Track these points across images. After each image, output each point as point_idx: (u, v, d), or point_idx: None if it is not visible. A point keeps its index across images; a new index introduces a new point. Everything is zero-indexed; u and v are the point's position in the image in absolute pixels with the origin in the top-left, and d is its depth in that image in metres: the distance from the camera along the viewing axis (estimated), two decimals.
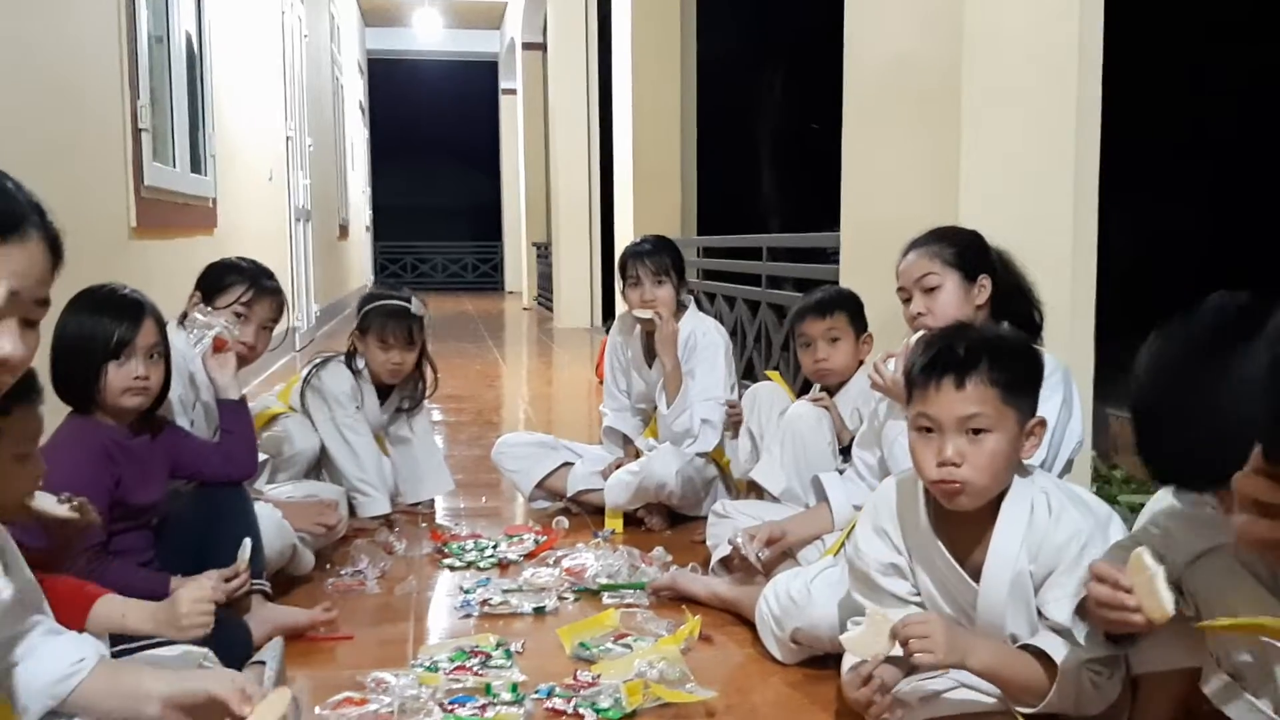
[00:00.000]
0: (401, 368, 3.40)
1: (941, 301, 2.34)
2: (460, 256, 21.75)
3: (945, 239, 2.38)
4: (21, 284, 1.27)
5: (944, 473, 1.77)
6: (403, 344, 3.37)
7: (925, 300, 2.36)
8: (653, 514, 3.40)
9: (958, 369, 1.77)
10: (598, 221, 11.15)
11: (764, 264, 5.22)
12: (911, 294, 2.38)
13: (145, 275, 4.16)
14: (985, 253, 2.39)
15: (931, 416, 1.79)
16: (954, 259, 2.34)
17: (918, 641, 1.71)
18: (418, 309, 3.42)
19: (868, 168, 3.34)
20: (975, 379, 1.76)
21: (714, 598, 2.62)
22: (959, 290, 2.34)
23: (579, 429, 5.03)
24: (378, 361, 3.38)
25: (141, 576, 2.14)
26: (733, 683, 2.20)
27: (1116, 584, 1.49)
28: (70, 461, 2.06)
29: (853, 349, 2.88)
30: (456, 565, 2.97)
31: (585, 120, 11.15)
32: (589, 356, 8.45)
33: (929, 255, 2.36)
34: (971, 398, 1.76)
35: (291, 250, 8.67)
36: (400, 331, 3.36)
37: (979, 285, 2.35)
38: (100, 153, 3.90)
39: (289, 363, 8.01)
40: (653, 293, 3.40)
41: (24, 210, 1.30)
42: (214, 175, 5.75)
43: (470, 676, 2.16)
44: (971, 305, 2.34)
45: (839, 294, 2.97)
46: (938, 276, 2.34)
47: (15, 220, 1.28)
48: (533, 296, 14.80)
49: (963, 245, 2.37)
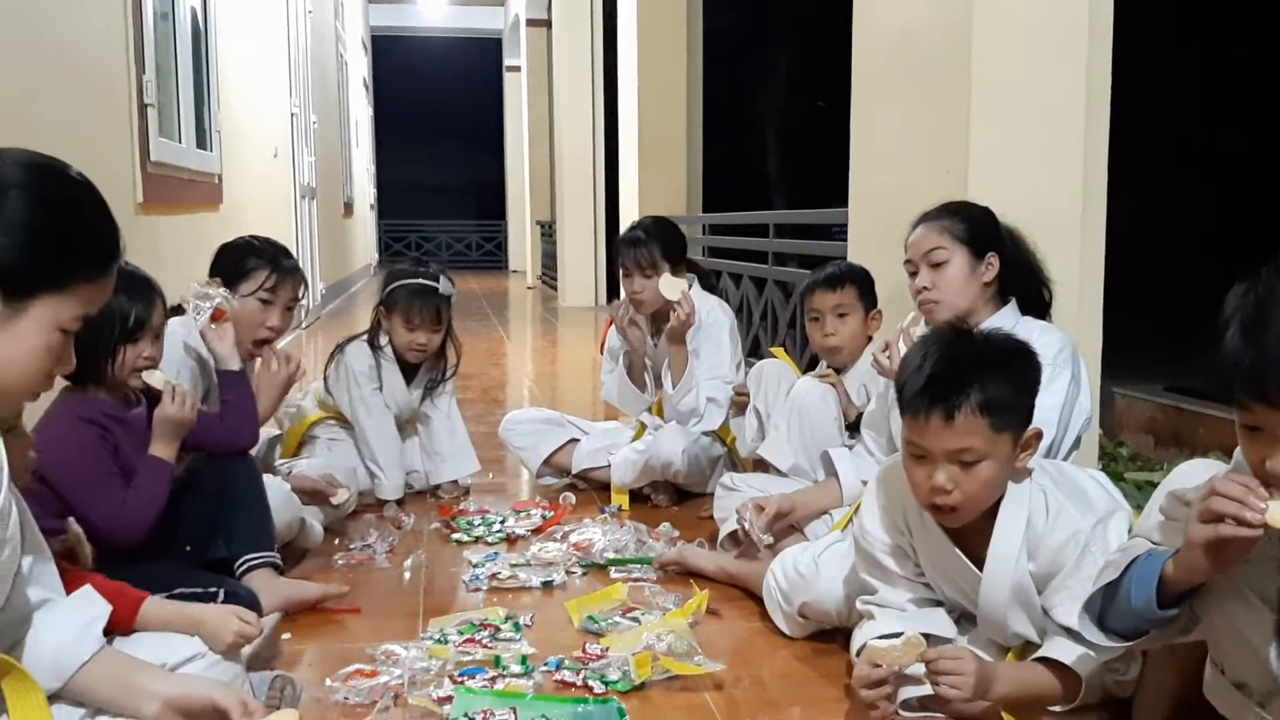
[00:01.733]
0: (426, 349, 3.35)
1: (948, 277, 2.32)
2: (464, 235, 21.75)
3: (956, 214, 2.37)
4: (96, 310, 1.38)
5: (936, 499, 1.77)
6: (429, 325, 3.31)
7: (931, 275, 2.34)
8: (659, 491, 3.41)
9: (945, 402, 1.72)
10: (602, 200, 11.12)
11: (770, 240, 5.22)
12: (918, 267, 2.37)
13: (152, 251, 4.16)
14: (995, 230, 2.38)
15: (922, 446, 1.77)
16: (963, 235, 2.33)
17: (949, 678, 1.70)
18: (445, 288, 3.35)
19: (876, 143, 3.33)
20: (965, 411, 1.71)
21: (721, 572, 2.63)
22: (966, 266, 2.33)
23: (583, 407, 5.03)
24: (402, 341, 3.34)
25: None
26: (740, 656, 2.21)
27: (1246, 486, 1.28)
28: (67, 434, 2.07)
29: (861, 325, 2.87)
30: (464, 540, 2.98)
31: (590, 98, 11.11)
32: (593, 335, 8.45)
33: (938, 229, 2.35)
34: (961, 431, 1.72)
35: (297, 228, 8.67)
36: (427, 312, 3.30)
37: (987, 263, 2.34)
38: (107, 128, 3.90)
39: (294, 340, 8.03)
40: (641, 284, 3.35)
41: (119, 239, 1.39)
42: (219, 151, 5.75)
43: (479, 649, 2.17)
44: (978, 282, 2.33)
45: (849, 269, 2.95)
46: (946, 251, 2.33)
47: (114, 252, 1.38)
48: (537, 275, 14.79)
49: (973, 221, 2.35)
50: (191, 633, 1.77)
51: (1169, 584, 1.41)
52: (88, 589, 1.54)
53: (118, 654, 1.53)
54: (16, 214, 1.28)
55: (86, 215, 1.36)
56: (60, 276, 1.31)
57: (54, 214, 1.31)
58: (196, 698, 1.49)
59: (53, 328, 1.32)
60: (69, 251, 1.32)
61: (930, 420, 1.74)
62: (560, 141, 11.47)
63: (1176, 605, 1.42)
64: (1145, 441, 4.41)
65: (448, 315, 3.37)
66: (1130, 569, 1.47)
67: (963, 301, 2.32)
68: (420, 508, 3.32)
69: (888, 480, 1.97)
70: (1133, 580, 1.46)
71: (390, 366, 3.39)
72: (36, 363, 1.32)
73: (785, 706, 1.99)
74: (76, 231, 1.34)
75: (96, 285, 1.36)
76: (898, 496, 1.93)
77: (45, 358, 1.32)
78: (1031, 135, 2.81)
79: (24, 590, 1.44)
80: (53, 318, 1.31)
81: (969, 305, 2.31)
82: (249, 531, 2.37)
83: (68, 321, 1.33)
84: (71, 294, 1.32)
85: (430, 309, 3.30)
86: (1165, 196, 10.35)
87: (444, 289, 3.34)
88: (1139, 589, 1.44)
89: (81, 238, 1.34)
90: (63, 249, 1.31)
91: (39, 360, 1.32)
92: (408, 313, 3.30)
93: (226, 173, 5.89)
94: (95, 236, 1.37)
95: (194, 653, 1.69)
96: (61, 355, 1.35)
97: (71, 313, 1.33)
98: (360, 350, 3.37)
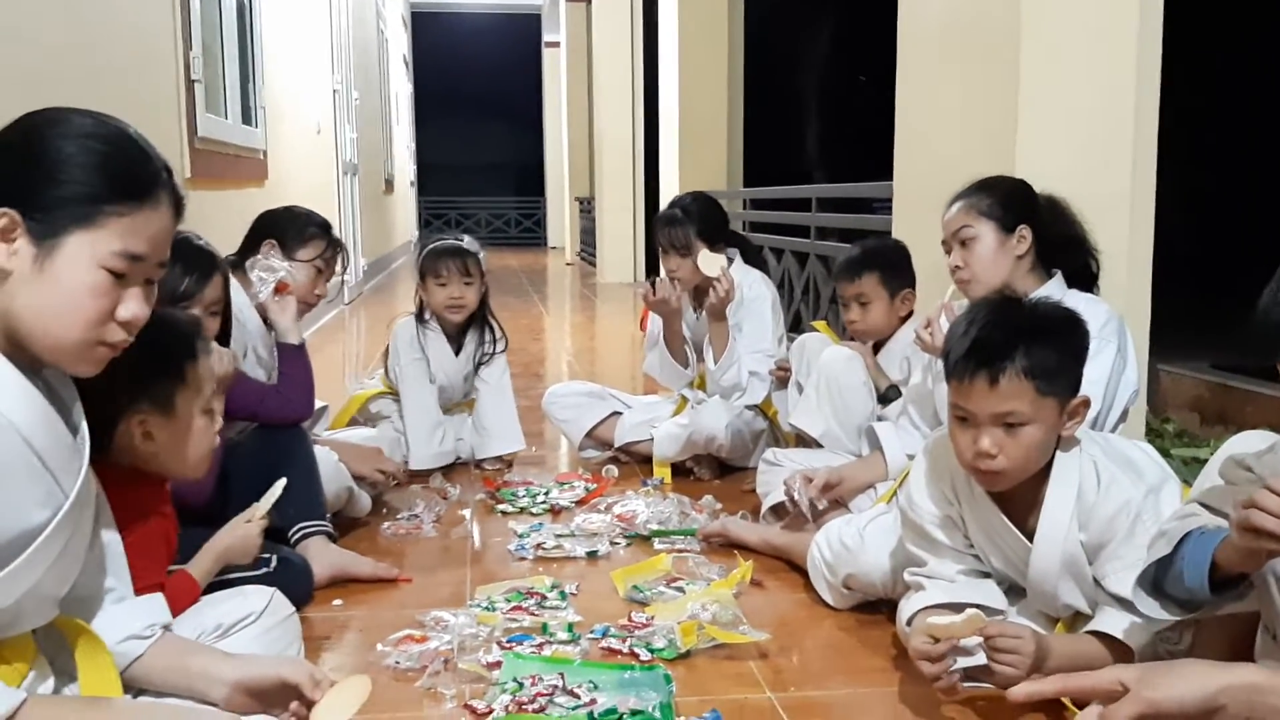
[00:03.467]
0: (462, 303, 3.42)
1: (977, 254, 2.31)
2: (503, 212, 21.80)
3: (984, 189, 2.35)
4: (150, 249, 1.30)
5: (981, 463, 1.77)
6: (458, 277, 3.39)
7: (962, 253, 2.33)
8: (702, 464, 3.42)
9: (991, 365, 1.73)
10: (641, 176, 11.10)
11: (813, 215, 5.20)
12: (952, 247, 2.37)
13: (200, 226, 4.16)
14: (1027, 202, 2.35)
15: (967, 409, 1.77)
16: (990, 210, 2.31)
17: (1008, 656, 1.70)
18: (470, 245, 3.47)
19: (922, 117, 3.31)
20: (1010, 374, 1.72)
21: (765, 544, 2.64)
22: (995, 241, 2.31)
23: (622, 381, 5.05)
24: (438, 301, 3.41)
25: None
26: (785, 626, 2.22)
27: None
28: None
29: (885, 309, 2.84)
30: (509, 511, 3.01)
31: (630, 73, 11.07)
32: (632, 311, 8.46)
33: (966, 208, 2.34)
34: (1006, 395, 1.73)
35: (340, 204, 8.74)
36: (454, 264, 3.39)
37: (1018, 236, 2.31)
38: (155, 104, 3.95)
39: (337, 316, 8.11)
40: (677, 262, 3.37)
41: (158, 172, 1.32)
42: (264, 127, 5.80)
43: (527, 616, 2.21)
44: (1010, 256, 2.31)
45: (867, 254, 2.90)
46: (973, 229, 2.32)
47: (149, 184, 1.30)
48: (575, 251, 14.81)
49: (1001, 195, 2.33)
50: (222, 562, 1.86)
51: (1220, 567, 1.40)
52: (158, 598, 1.53)
53: (177, 640, 1.52)
54: (37, 150, 1.26)
55: (109, 146, 1.30)
56: (85, 210, 1.25)
57: (74, 148, 1.27)
58: (265, 677, 1.48)
59: (93, 266, 1.25)
60: (90, 183, 1.26)
61: (975, 383, 1.74)
62: (599, 117, 11.44)
63: (1229, 587, 1.41)
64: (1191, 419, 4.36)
65: (478, 270, 3.44)
66: (1183, 546, 1.46)
67: (995, 277, 2.30)
68: (465, 479, 3.36)
69: (935, 451, 1.97)
70: (1185, 560, 1.45)
71: (436, 338, 3.47)
72: (82, 306, 1.25)
73: (830, 675, 2.01)
74: (97, 163, 1.27)
75: (133, 219, 1.28)
76: (945, 467, 1.93)
77: (92, 300, 1.26)
78: (1081, 108, 2.78)
79: (93, 573, 1.44)
80: (89, 255, 1.25)
81: (1003, 279, 2.30)
82: (302, 500, 2.41)
83: (109, 259, 1.26)
84: (103, 228, 1.26)
85: (456, 261, 3.40)
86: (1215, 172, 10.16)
87: (469, 245, 3.46)
88: (1192, 571, 1.43)
89: (103, 168, 1.28)
90: (83, 180, 1.26)
91: (85, 302, 1.25)
92: (436, 270, 3.40)
93: (271, 148, 5.94)
94: (118, 166, 1.29)
95: (246, 613, 1.72)
96: (120, 298, 1.28)
97: (110, 248, 1.26)
98: (406, 324, 3.47)
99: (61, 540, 1.28)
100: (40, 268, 1.24)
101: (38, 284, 1.24)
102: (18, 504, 1.22)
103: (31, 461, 1.24)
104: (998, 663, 1.72)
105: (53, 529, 1.26)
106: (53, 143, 1.26)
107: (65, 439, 1.31)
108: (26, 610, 1.28)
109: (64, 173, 1.25)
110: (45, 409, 1.27)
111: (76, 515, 1.31)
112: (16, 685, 1.24)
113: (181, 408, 1.67)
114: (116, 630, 1.44)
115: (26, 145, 1.27)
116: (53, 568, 1.28)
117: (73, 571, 1.36)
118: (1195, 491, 1.60)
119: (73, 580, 1.37)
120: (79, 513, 1.32)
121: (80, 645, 1.37)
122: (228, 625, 1.69)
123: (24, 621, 1.30)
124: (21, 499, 1.23)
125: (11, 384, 1.23)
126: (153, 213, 1.30)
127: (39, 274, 1.24)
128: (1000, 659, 1.71)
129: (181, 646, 1.52)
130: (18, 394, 1.23)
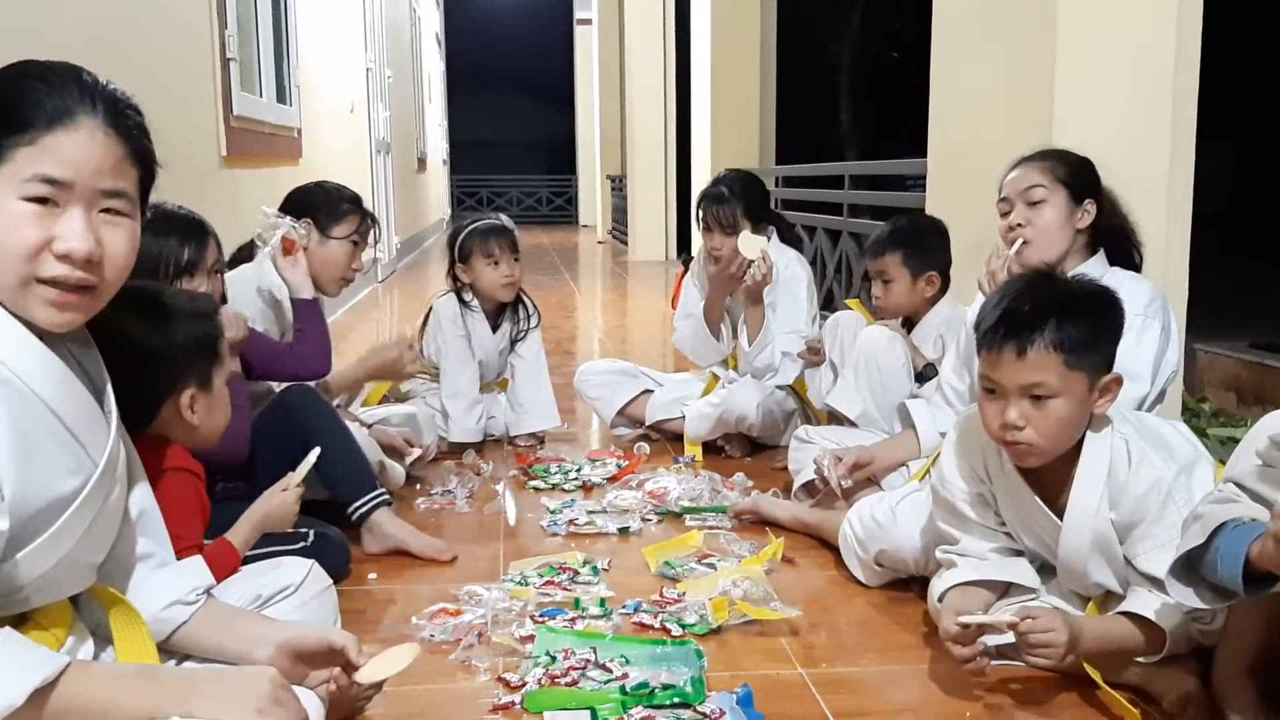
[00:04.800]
0: (514, 279, 3.46)
1: (1045, 217, 2.28)
2: (535, 190, 21.82)
3: (1058, 157, 2.34)
4: (75, 173, 1.24)
5: (1008, 435, 1.77)
6: (509, 254, 3.43)
7: (1027, 212, 2.29)
8: (733, 442, 3.43)
9: (1019, 336, 1.73)
10: (674, 153, 11.07)
11: (845, 192, 5.17)
12: (1014, 206, 2.32)
13: (235, 204, 4.25)
14: (1095, 179, 2.34)
15: (995, 380, 1.77)
16: (1065, 176, 2.29)
17: (1041, 650, 1.70)
18: (508, 222, 3.52)
19: (957, 94, 3.28)
20: (1038, 346, 1.72)
21: (796, 521, 2.65)
22: (1064, 208, 2.29)
23: (653, 359, 5.05)
24: (489, 280, 3.43)
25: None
26: (816, 602, 2.23)
27: None
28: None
29: (906, 289, 2.84)
30: (541, 487, 3.04)
31: (662, 50, 11.03)
32: (664, 289, 8.46)
33: (1040, 169, 2.31)
34: (1033, 366, 1.72)
35: (373, 182, 8.77)
36: (504, 241, 3.43)
37: (1084, 209, 2.30)
38: (191, 82, 3.98)
39: (370, 294, 8.16)
40: (720, 241, 3.34)
41: (66, 97, 1.27)
42: (298, 106, 5.83)
43: (559, 591, 2.23)
44: (1072, 228, 2.30)
45: (894, 233, 2.90)
46: (1045, 190, 2.29)
47: (57, 110, 1.25)
48: (607, 229, 14.80)
49: (1075, 165, 2.32)
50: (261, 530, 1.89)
51: (1255, 563, 1.39)
52: (198, 561, 1.55)
53: (220, 605, 1.53)
54: None
55: (2, 81, 1.26)
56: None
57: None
58: (311, 640, 1.49)
59: (10, 198, 1.22)
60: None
61: (1003, 353, 1.75)
62: (631, 95, 11.41)
63: (1264, 581, 1.40)
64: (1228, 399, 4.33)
65: (519, 248, 3.49)
66: (1217, 536, 1.45)
67: (1057, 244, 2.28)
68: (498, 455, 3.39)
69: (967, 429, 1.97)
70: (1220, 553, 1.43)
71: (476, 316, 3.49)
72: (6, 242, 1.21)
73: (861, 652, 2.01)
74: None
75: (41, 145, 1.23)
76: (977, 445, 1.93)
77: (14, 233, 1.22)
78: (1119, 84, 2.75)
79: (130, 538, 1.45)
80: (4, 190, 1.22)
81: (1063, 248, 2.28)
82: (355, 475, 2.44)
83: (23, 187, 1.22)
84: (10, 160, 1.22)
85: (506, 239, 3.44)
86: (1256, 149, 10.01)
87: (508, 223, 3.52)
88: (1226, 564, 1.42)
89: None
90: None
91: (6, 237, 1.21)
92: (487, 248, 3.42)
93: (305, 127, 5.97)
94: (9, 99, 1.24)
95: (286, 585, 1.74)
96: (50, 230, 1.23)
97: (20, 175, 1.22)
98: (447, 301, 3.50)
99: (94, 508, 1.30)
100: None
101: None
102: (47, 473, 1.23)
103: (59, 430, 1.25)
104: (1031, 655, 1.72)
105: (84, 497, 1.27)
106: None
107: (90, 407, 1.32)
108: (62, 577, 1.30)
109: None
110: (68, 377, 1.28)
111: (108, 482, 1.33)
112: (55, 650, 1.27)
113: (217, 383, 1.76)
114: (160, 596, 1.45)
115: None
116: (86, 535, 1.29)
117: (108, 538, 1.38)
118: (1229, 470, 1.58)
119: (109, 547, 1.38)
120: (110, 480, 1.33)
121: (114, 614, 1.38)
122: (267, 596, 1.71)
123: (61, 588, 1.31)
124: (51, 468, 1.24)
125: (33, 354, 1.24)
126: (67, 135, 1.25)
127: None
128: (1034, 653, 1.71)
129: (226, 610, 1.53)
130: (40, 364, 1.24)
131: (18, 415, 1.19)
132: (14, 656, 1.14)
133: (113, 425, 1.35)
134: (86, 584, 1.37)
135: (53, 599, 1.31)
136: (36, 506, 1.22)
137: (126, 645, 1.37)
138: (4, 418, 1.18)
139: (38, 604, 1.29)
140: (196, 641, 1.47)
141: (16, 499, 1.18)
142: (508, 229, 3.48)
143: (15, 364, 1.21)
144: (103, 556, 1.38)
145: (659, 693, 1.78)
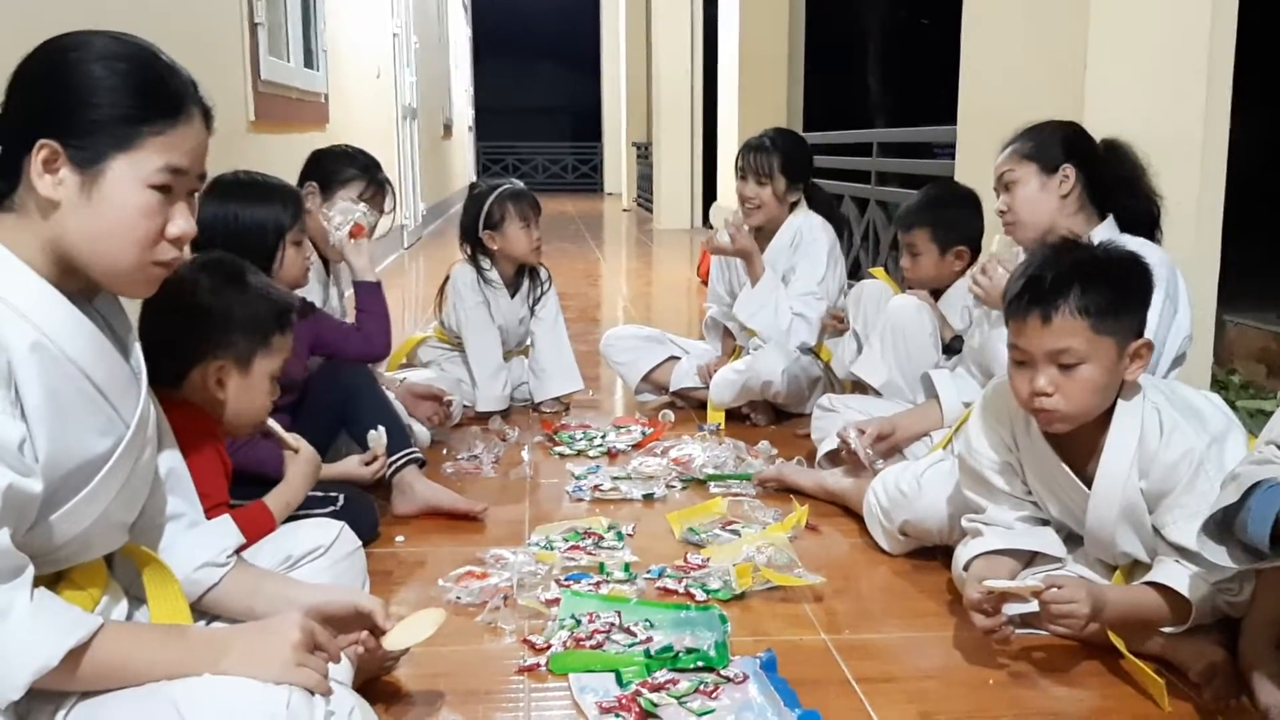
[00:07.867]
0: (541, 242, 3.50)
1: (1018, 197, 2.30)
2: (560, 157, 21.74)
3: (1028, 134, 2.33)
4: (191, 162, 1.31)
5: (1037, 402, 1.76)
6: (538, 217, 3.46)
7: (1005, 197, 2.32)
8: (757, 410, 3.43)
9: (1043, 302, 1.72)
10: (700, 121, 11.01)
11: (874, 160, 5.13)
12: (999, 192, 2.35)
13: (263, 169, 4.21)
14: (1072, 144, 2.31)
15: (1023, 348, 1.77)
16: (1030, 151, 2.29)
17: (1063, 620, 1.71)
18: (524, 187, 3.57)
19: (987, 61, 3.24)
20: (1063, 312, 1.71)
21: (820, 489, 2.65)
22: (1035, 183, 2.28)
23: (678, 327, 5.03)
24: (523, 244, 3.43)
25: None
26: (840, 570, 2.24)
27: None
28: None
29: (933, 263, 2.84)
30: (566, 453, 3.05)
31: (689, 16, 10.94)
32: (689, 257, 8.44)
33: (1009, 153, 2.33)
34: (1059, 332, 1.72)
35: (399, 148, 8.77)
36: (534, 205, 3.46)
37: (1061, 176, 2.28)
38: (219, 46, 3.98)
39: (397, 260, 8.18)
40: (754, 190, 3.38)
41: (186, 85, 1.32)
42: (325, 71, 5.83)
43: (584, 555, 2.24)
44: (1053, 198, 2.27)
45: (924, 205, 2.90)
46: (1014, 172, 2.30)
47: (180, 98, 1.30)
48: (632, 197, 14.76)
49: (1043, 137, 2.30)
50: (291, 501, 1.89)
51: None
52: (227, 520, 1.57)
53: (248, 567, 1.56)
54: (65, 77, 1.25)
55: (134, 65, 1.28)
56: (124, 132, 1.25)
57: (102, 70, 1.25)
58: (339, 603, 1.52)
59: (140, 187, 1.25)
60: (124, 104, 1.25)
61: (1029, 320, 1.74)
62: (658, 61, 11.33)
63: None
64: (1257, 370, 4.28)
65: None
66: (1251, 496, 1.44)
67: (1038, 218, 2.28)
68: (524, 421, 3.40)
69: (995, 397, 1.96)
70: (1251, 512, 1.42)
71: (495, 284, 3.50)
72: (135, 228, 1.26)
73: (884, 619, 2.02)
74: (126, 83, 1.26)
75: (170, 135, 1.27)
76: (1005, 413, 1.93)
77: (144, 221, 1.26)
78: (1152, 48, 2.71)
79: (160, 497, 1.47)
80: (135, 176, 1.25)
81: (1048, 220, 2.27)
82: (390, 430, 2.46)
83: (154, 175, 1.26)
84: (143, 148, 1.25)
85: (532, 202, 3.47)
86: None
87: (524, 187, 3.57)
88: (1256, 523, 1.41)
89: (133, 88, 1.26)
90: (116, 102, 1.25)
91: (137, 224, 1.26)
92: (522, 213, 3.42)
93: (332, 92, 5.97)
94: (147, 84, 1.28)
95: (315, 546, 1.76)
96: (168, 215, 1.28)
97: (153, 165, 1.26)
98: (465, 268, 3.49)
99: (126, 468, 1.31)
100: (88, 195, 1.24)
101: (87, 211, 1.24)
102: (80, 434, 1.25)
103: (89, 391, 1.26)
104: (1054, 624, 1.73)
105: (117, 458, 1.28)
106: (79, 67, 1.25)
107: (121, 368, 1.33)
108: (95, 537, 1.31)
109: (96, 96, 1.25)
110: (99, 338, 1.29)
111: (139, 442, 1.34)
112: (90, 610, 1.29)
113: (257, 369, 1.76)
114: (192, 557, 1.47)
115: (53, 73, 1.26)
116: (120, 495, 1.31)
117: (140, 498, 1.40)
118: (1268, 432, 1.56)
119: (140, 506, 1.40)
120: (141, 439, 1.35)
121: (148, 573, 1.40)
122: (297, 557, 1.73)
123: (94, 548, 1.33)
124: (83, 429, 1.25)
125: (63, 316, 1.24)
126: (188, 126, 1.30)
127: (87, 201, 1.24)
128: (1058, 622, 1.72)
129: (255, 572, 1.56)
130: (71, 325, 1.25)
131: (50, 378, 1.21)
132: (49, 618, 1.15)
133: (143, 385, 1.37)
134: (119, 544, 1.38)
135: (87, 558, 1.33)
136: (70, 468, 1.24)
137: (160, 605, 1.39)
138: (36, 381, 1.19)
139: (73, 563, 1.31)
140: (224, 604, 1.50)
141: (50, 461, 1.20)
142: (530, 192, 3.51)
143: (47, 327, 1.22)
144: (134, 515, 1.40)
145: (683, 656, 1.79)
